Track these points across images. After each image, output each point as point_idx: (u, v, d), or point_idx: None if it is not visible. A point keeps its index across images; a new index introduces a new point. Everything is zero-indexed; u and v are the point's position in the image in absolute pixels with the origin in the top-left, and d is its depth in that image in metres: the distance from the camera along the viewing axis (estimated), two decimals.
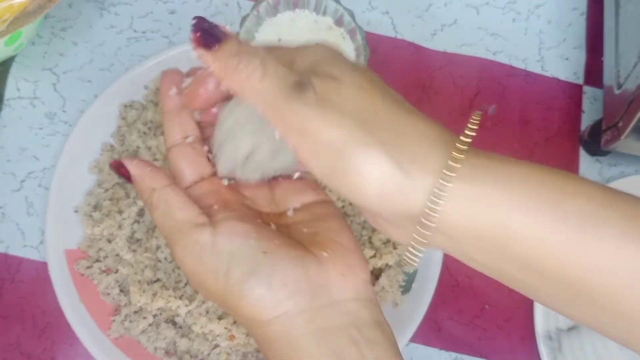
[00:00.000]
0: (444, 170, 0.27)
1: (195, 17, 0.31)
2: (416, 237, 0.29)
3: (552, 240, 0.27)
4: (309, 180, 0.34)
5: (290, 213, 0.33)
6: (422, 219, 0.28)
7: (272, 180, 0.34)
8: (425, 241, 0.29)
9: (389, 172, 0.27)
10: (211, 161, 0.33)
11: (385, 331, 0.31)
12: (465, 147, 0.28)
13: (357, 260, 0.31)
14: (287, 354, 0.30)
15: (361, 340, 0.30)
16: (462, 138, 0.28)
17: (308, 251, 0.31)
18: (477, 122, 0.29)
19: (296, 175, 0.33)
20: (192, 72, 0.33)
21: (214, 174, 0.33)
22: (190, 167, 0.33)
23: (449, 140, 0.28)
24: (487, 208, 0.27)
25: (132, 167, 0.32)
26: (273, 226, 0.32)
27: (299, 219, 0.33)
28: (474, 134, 0.28)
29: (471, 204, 0.27)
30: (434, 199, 0.27)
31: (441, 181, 0.27)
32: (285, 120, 0.28)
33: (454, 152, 0.27)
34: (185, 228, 0.30)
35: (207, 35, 0.31)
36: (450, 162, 0.27)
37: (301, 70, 0.29)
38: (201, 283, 0.30)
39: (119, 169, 0.32)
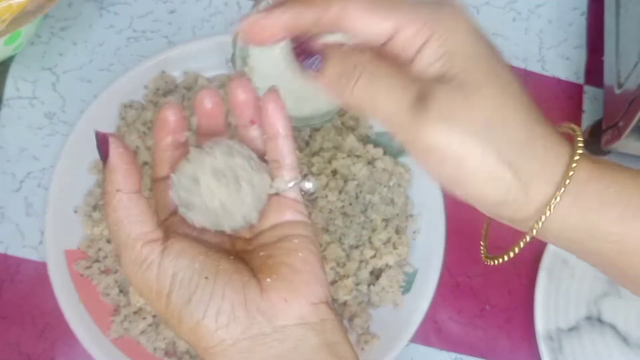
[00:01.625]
0: (563, 185, 0.28)
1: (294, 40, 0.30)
2: (522, 241, 0.30)
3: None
4: (287, 199, 0.33)
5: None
6: (534, 225, 0.29)
7: None
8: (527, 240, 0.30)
9: (511, 187, 0.28)
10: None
11: (339, 352, 0.30)
12: (577, 160, 0.28)
13: (304, 282, 0.31)
14: None
15: None
16: (577, 151, 0.28)
17: (253, 277, 0.30)
18: (580, 134, 0.29)
19: (272, 191, 0.33)
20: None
21: None
22: None
23: (566, 152, 0.28)
24: (590, 216, 0.28)
25: (114, 152, 0.30)
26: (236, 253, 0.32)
27: (263, 242, 0.33)
28: (582, 145, 0.29)
29: (578, 212, 0.28)
30: (548, 210, 0.28)
31: (557, 195, 0.28)
32: (407, 137, 0.27)
33: (572, 166, 0.28)
34: (137, 242, 0.30)
35: (306, 56, 0.30)
36: (567, 176, 0.28)
37: (429, 70, 0.27)
38: (146, 298, 0.30)
39: (102, 143, 0.30)
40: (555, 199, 0.28)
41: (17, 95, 0.56)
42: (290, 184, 0.33)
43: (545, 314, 0.53)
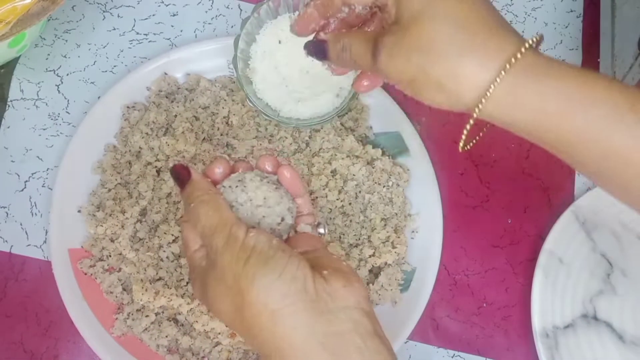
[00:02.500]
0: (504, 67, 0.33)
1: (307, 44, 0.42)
2: (468, 124, 0.36)
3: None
4: (307, 234, 0.40)
5: None
6: (477, 106, 0.34)
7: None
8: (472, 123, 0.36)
9: (451, 92, 0.35)
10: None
11: (386, 344, 0.35)
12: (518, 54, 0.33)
13: (355, 278, 0.36)
14: (290, 357, 0.32)
15: (365, 349, 0.33)
16: (524, 45, 0.34)
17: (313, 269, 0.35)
18: (537, 38, 0.35)
19: (299, 228, 0.41)
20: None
21: None
22: None
23: (509, 49, 0.34)
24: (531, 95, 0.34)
25: (195, 171, 0.39)
26: None
27: None
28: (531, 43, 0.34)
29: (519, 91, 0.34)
30: (487, 93, 0.34)
31: (495, 81, 0.33)
32: (377, 74, 0.39)
33: (512, 60, 0.33)
34: (228, 222, 0.36)
35: (315, 47, 0.42)
36: (504, 67, 0.33)
37: (390, 20, 0.37)
38: (224, 266, 0.35)
39: (181, 170, 0.39)
40: (493, 84, 0.33)
41: (21, 96, 0.57)
42: (309, 228, 0.41)
43: (542, 312, 0.54)
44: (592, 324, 0.54)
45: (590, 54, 0.62)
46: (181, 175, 0.39)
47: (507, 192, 0.58)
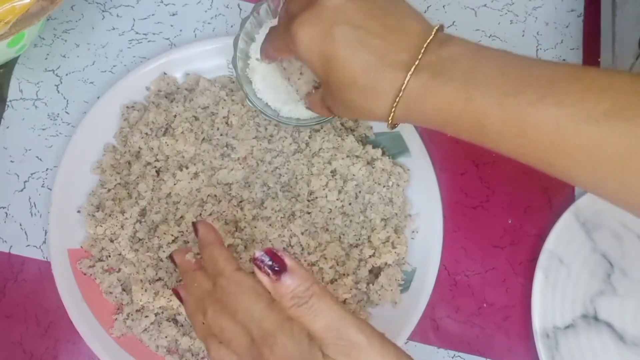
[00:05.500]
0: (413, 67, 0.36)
1: None
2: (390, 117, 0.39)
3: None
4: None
5: None
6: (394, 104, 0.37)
7: None
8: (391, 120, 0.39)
9: (372, 103, 0.39)
10: None
11: None
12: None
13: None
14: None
15: None
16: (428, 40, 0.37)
17: None
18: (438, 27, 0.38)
19: None
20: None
21: None
22: None
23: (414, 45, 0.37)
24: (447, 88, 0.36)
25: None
26: None
27: None
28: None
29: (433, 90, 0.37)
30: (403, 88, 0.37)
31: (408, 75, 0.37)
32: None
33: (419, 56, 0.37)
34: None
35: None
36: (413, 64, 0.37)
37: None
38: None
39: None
40: (404, 85, 0.37)
41: (20, 96, 0.57)
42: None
43: (542, 312, 0.54)
44: (593, 324, 0.54)
45: (591, 53, 0.61)
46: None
47: (507, 192, 0.58)
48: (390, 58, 0.37)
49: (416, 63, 0.36)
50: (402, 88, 0.37)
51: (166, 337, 0.51)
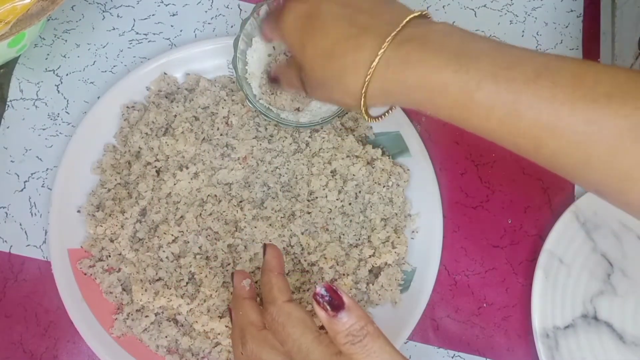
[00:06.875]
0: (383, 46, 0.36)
1: None
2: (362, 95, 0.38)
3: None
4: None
5: None
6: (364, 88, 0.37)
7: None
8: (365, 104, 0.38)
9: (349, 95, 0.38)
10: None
11: None
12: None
13: None
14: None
15: None
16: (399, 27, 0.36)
17: None
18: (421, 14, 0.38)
19: None
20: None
21: None
22: None
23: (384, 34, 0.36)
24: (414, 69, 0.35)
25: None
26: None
27: None
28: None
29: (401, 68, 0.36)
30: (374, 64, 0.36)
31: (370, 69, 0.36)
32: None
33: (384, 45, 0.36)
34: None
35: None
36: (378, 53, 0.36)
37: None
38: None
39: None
40: (370, 69, 0.36)
41: (20, 96, 0.57)
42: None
43: (542, 312, 0.54)
44: (593, 324, 0.54)
45: (591, 53, 0.61)
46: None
47: (507, 192, 0.58)
48: (373, 30, 0.36)
49: (397, 29, 0.35)
50: (380, 53, 0.35)
51: (166, 337, 0.51)
